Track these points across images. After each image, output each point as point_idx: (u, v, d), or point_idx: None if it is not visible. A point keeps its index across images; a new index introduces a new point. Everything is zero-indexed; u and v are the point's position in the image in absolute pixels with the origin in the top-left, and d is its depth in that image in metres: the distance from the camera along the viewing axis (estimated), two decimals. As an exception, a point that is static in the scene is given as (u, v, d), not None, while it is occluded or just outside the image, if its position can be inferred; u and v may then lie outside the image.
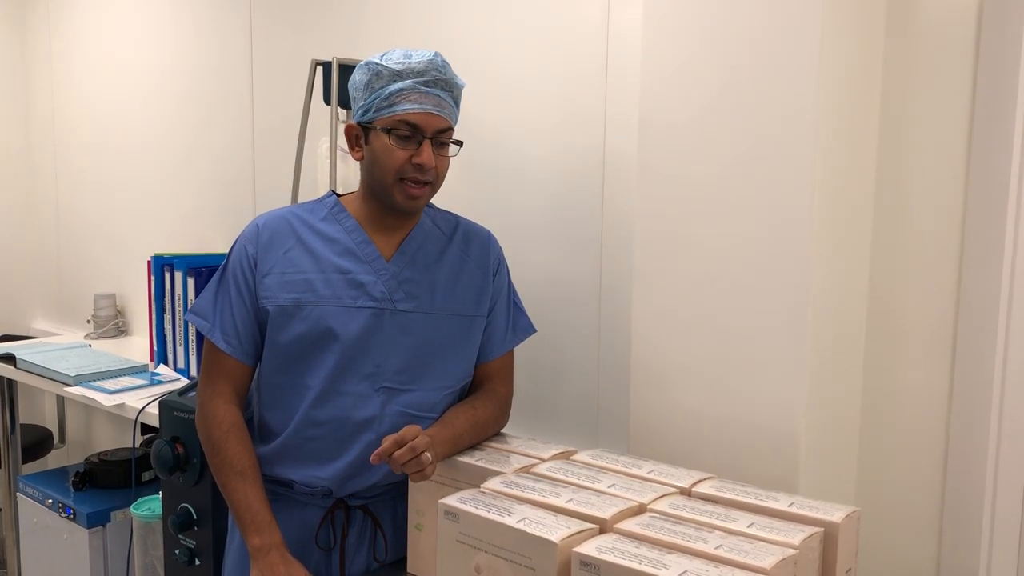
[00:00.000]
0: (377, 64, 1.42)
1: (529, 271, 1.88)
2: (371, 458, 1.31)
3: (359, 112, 1.45)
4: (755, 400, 1.39)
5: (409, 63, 1.41)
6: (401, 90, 1.40)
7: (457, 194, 1.90)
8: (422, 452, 1.30)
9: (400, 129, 1.41)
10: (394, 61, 1.42)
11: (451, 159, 1.48)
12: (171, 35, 2.94)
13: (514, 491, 1.24)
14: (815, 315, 1.34)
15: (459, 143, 1.48)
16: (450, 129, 1.45)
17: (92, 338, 3.12)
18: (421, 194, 1.44)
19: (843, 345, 1.45)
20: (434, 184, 1.46)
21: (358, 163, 1.50)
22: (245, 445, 1.47)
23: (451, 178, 1.52)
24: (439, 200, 1.61)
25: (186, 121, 2.91)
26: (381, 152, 1.43)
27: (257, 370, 1.53)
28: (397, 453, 1.30)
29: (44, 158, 3.58)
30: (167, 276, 2.60)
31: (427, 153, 1.41)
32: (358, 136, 1.47)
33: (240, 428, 1.48)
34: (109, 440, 3.29)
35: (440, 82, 1.42)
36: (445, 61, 1.44)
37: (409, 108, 1.40)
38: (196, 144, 2.89)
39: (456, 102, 1.47)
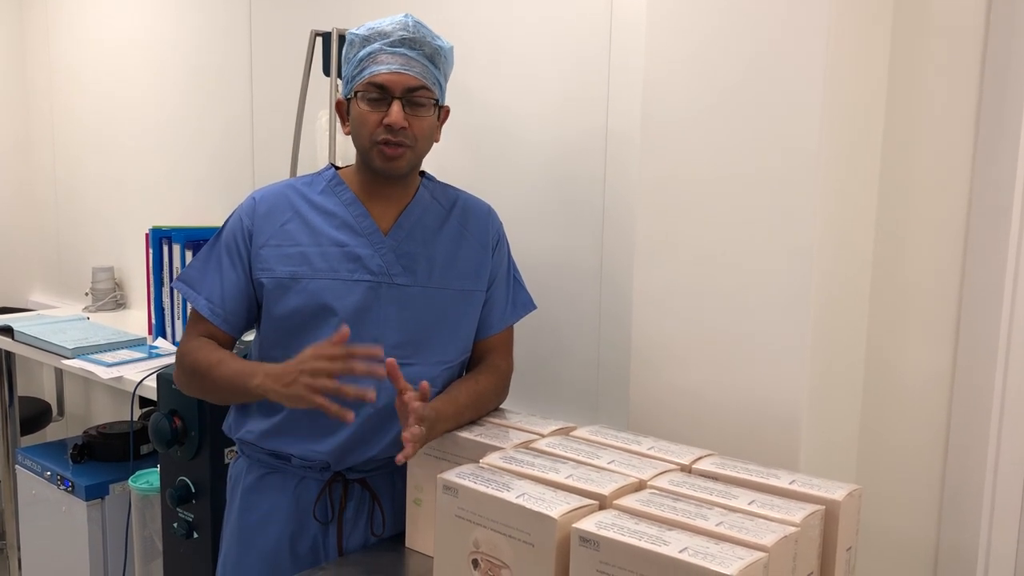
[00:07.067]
0: (352, 34, 1.42)
1: (531, 250, 1.87)
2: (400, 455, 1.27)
3: (344, 86, 1.45)
4: (757, 379, 1.39)
5: (378, 27, 1.40)
6: (369, 54, 1.39)
7: (459, 174, 1.89)
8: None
9: (369, 92, 1.39)
10: (365, 28, 1.40)
11: (457, 142, 1.46)
12: (170, 7, 2.90)
13: (513, 466, 1.23)
14: (817, 294, 1.33)
15: (436, 102, 1.43)
16: (423, 88, 1.40)
17: (90, 311, 3.11)
18: (398, 155, 1.41)
19: (845, 324, 1.44)
20: (414, 147, 1.42)
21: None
22: (213, 347, 1.44)
23: (453, 157, 1.50)
24: (442, 178, 1.60)
25: (185, 93, 2.89)
26: (356, 119, 1.41)
27: (256, 344, 1.52)
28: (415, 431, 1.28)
29: (42, 130, 3.55)
30: (165, 249, 2.59)
31: (395, 113, 1.38)
32: (346, 110, 1.46)
33: (207, 341, 1.46)
34: (107, 413, 3.29)
35: (407, 41, 1.39)
36: (418, 22, 1.41)
37: (375, 69, 1.38)
38: (195, 116, 2.86)
39: (432, 61, 1.42)
